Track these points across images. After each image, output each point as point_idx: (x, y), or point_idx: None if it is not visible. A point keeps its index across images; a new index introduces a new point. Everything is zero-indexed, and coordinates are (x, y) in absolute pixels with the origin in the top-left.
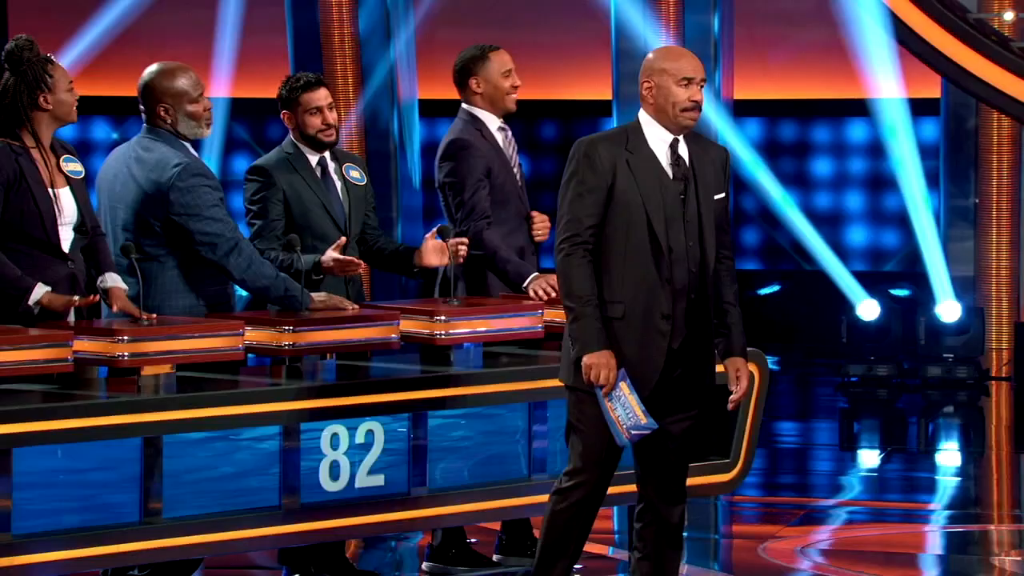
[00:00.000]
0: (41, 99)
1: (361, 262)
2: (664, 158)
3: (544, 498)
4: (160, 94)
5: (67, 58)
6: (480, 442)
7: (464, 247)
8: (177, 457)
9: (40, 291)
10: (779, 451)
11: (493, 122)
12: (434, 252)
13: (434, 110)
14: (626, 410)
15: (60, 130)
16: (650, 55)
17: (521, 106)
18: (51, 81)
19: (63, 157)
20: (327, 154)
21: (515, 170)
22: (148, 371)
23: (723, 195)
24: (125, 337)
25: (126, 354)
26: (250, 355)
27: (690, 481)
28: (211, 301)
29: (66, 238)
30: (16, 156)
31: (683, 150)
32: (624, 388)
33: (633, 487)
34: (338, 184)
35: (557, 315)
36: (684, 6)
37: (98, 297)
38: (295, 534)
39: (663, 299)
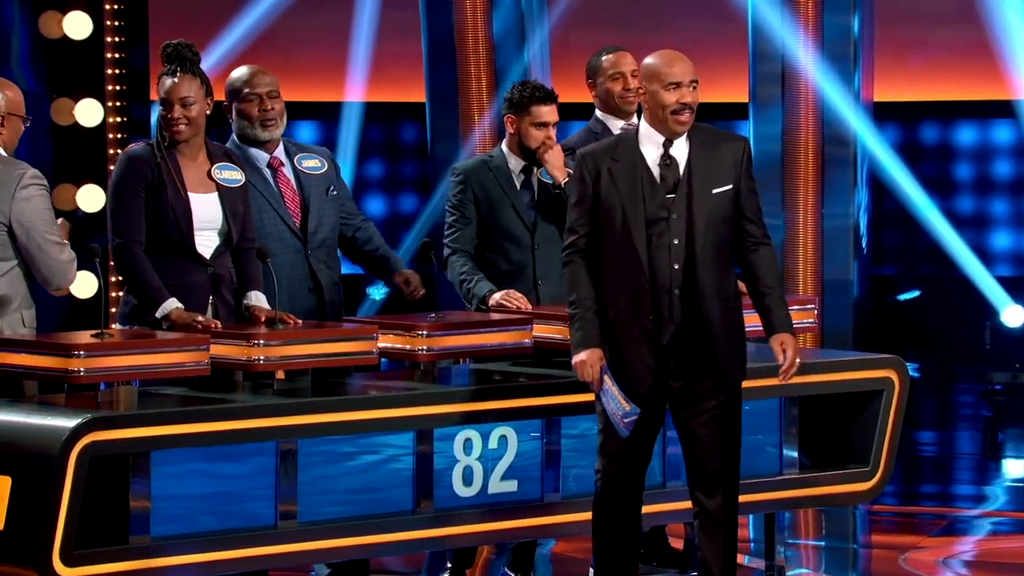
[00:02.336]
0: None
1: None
2: (654, 161)
3: (680, 505)
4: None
5: (204, 65)
6: None
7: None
8: (312, 461)
9: (170, 306)
10: (920, 460)
11: (616, 125)
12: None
13: (568, 113)
14: (615, 401)
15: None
16: (645, 61)
17: None
18: (159, 88)
19: (217, 164)
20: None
21: None
22: (283, 375)
23: (728, 187)
24: (261, 341)
25: (262, 358)
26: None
27: (828, 490)
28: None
29: (206, 244)
30: (157, 160)
31: (679, 150)
32: (607, 382)
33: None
34: (531, 191)
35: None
36: (823, 6)
37: (218, 325)
38: (428, 539)
39: (646, 299)
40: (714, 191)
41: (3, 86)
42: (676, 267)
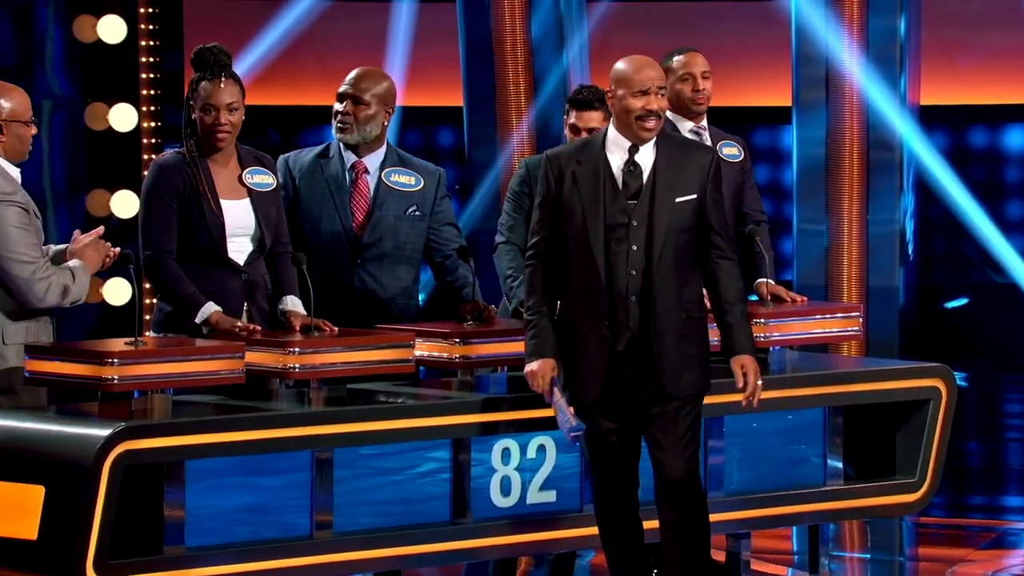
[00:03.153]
0: (191, 108)
1: None
2: (619, 167)
3: (720, 516)
4: None
5: (239, 68)
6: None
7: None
8: (348, 471)
9: (209, 310)
10: (968, 471)
11: (685, 127)
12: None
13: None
14: (562, 414)
15: None
16: (615, 65)
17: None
18: (195, 93)
19: (249, 169)
20: None
21: None
22: (318, 384)
23: (692, 196)
24: (296, 349)
25: (297, 366)
26: (421, 368)
27: (873, 501)
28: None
29: (239, 250)
30: (188, 166)
31: (645, 157)
32: (556, 394)
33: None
34: None
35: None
36: (868, 8)
37: (259, 329)
38: (466, 551)
39: (603, 305)
40: (677, 200)
41: (3, 91)
42: (634, 273)
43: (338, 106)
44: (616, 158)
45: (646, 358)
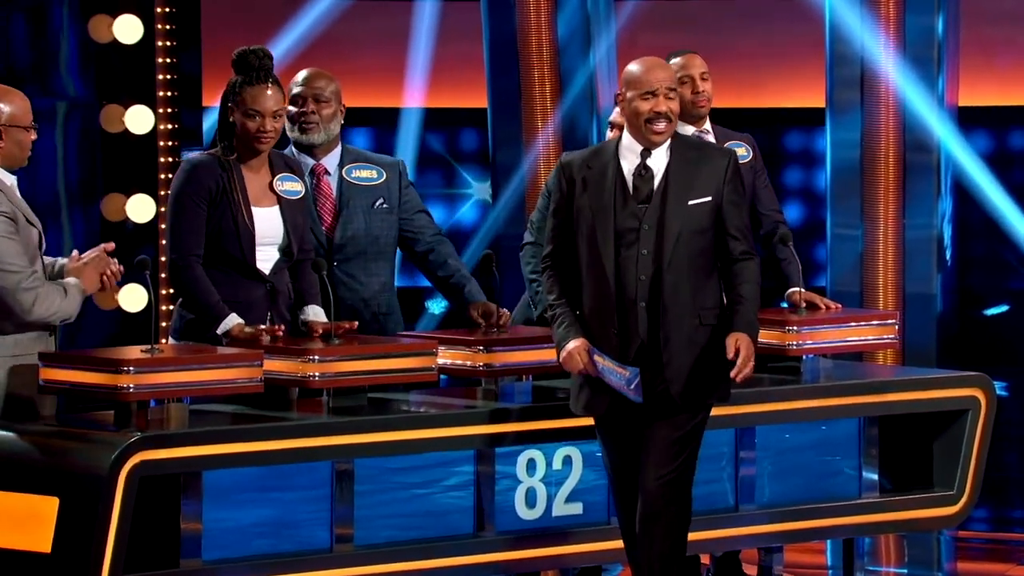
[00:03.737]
0: (229, 113)
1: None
2: (630, 171)
3: (753, 529)
4: None
5: None
6: None
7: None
8: (369, 482)
9: (231, 322)
10: (1008, 482)
11: (687, 131)
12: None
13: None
14: (613, 375)
15: None
16: (626, 67)
17: (725, 115)
18: (237, 98)
19: (280, 176)
20: None
21: None
22: (339, 392)
23: (706, 199)
24: (316, 357)
25: (316, 374)
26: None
27: (910, 514)
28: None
29: (266, 259)
30: (222, 171)
31: (657, 161)
32: (600, 361)
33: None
34: None
35: None
36: (905, 6)
37: (283, 329)
38: (490, 564)
39: (612, 312)
40: (690, 203)
41: (2, 94)
42: (643, 278)
43: (293, 108)
44: (628, 163)
45: (657, 367)
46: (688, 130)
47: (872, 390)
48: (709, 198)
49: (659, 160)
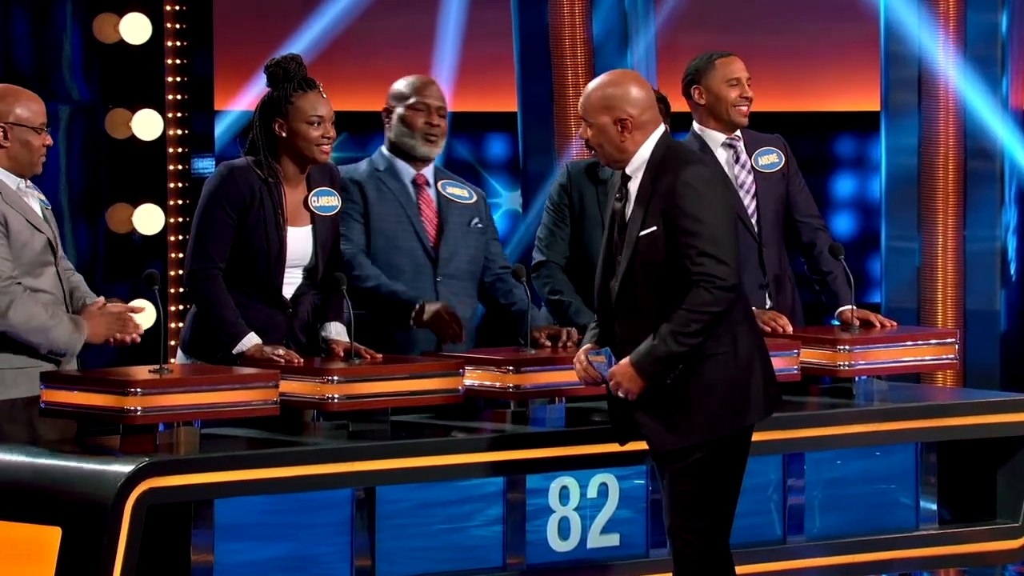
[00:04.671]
0: (276, 125)
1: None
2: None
3: (803, 563)
4: None
5: None
6: None
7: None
8: (391, 511)
9: (250, 342)
10: None
11: (717, 139)
12: None
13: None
14: (603, 369)
15: None
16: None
17: (771, 119)
18: (290, 108)
19: (316, 190)
20: None
21: (743, 192)
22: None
23: (652, 229)
24: (335, 378)
25: (336, 396)
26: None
27: (971, 548)
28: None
29: (290, 282)
30: (260, 182)
31: (634, 183)
32: (593, 360)
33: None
34: None
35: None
36: (966, 2)
37: (299, 360)
38: None
39: (607, 329)
40: (640, 234)
41: (9, 94)
42: (620, 314)
43: (424, 118)
44: (619, 186)
45: (643, 399)
46: (719, 138)
47: (930, 414)
48: (654, 228)
49: (636, 183)
